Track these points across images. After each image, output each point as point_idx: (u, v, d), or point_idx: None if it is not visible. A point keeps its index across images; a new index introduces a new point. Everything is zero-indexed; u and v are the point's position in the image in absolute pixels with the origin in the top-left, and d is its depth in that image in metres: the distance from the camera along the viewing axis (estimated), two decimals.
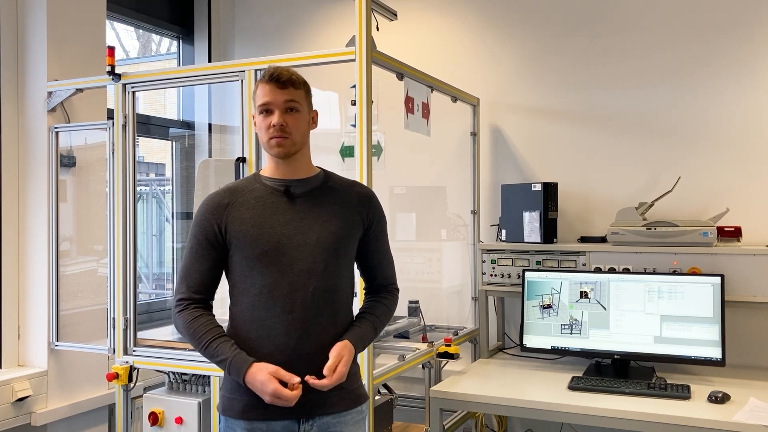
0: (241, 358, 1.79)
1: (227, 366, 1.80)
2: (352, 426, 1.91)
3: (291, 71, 1.88)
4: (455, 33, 3.76)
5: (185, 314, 1.85)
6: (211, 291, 1.91)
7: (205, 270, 1.88)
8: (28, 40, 3.17)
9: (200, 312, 1.86)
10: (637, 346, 2.91)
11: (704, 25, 3.26)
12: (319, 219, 1.89)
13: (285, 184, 1.91)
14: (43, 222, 3.16)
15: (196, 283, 1.87)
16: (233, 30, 4.34)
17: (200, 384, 2.86)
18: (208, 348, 1.82)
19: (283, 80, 1.85)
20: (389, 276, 2.06)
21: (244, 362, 1.79)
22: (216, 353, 1.81)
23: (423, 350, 2.93)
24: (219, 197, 1.91)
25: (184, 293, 1.87)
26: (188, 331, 1.84)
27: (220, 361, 1.81)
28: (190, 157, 4.18)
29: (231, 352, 1.80)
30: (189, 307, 1.86)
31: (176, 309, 1.88)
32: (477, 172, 3.56)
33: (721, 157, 3.23)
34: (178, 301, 1.88)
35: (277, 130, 1.84)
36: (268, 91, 1.85)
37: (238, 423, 1.84)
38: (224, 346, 1.81)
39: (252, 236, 1.84)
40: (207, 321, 1.85)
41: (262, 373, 1.76)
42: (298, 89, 1.87)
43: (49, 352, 3.14)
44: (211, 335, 1.82)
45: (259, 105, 1.86)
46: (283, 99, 1.84)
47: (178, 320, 1.87)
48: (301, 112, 1.88)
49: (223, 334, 1.85)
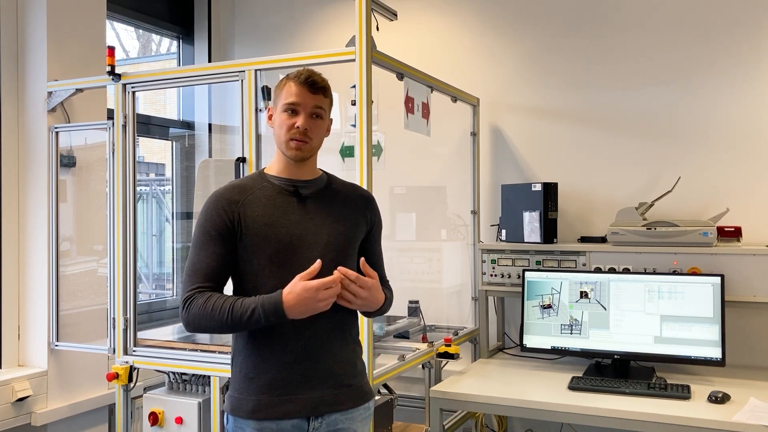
0: (268, 296, 1.74)
1: (261, 311, 1.73)
2: (359, 423, 1.93)
3: (324, 79, 1.90)
4: (455, 33, 3.76)
5: (196, 302, 1.77)
6: (221, 285, 1.85)
7: (215, 264, 1.82)
8: (28, 40, 3.17)
9: (210, 293, 1.79)
10: (637, 346, 2.91)
11: (704, 26, 3.26)
12: (328, 219, 1.91)
13: (293, 184, 1.92)
14: (43, 222, 3.16)
15: (205, 276, 1.80)
16: (233, 30, 4.34)
17: (200, 384, 2.86)
18: (233, 312, 1.74)
19: (317, 86, 1.87)
20: (384, 275, 2.11)
21: (275, 295, 1.74)
22: (244, 310, 1.73)
23: (423, 350, 2.93)
24: (230, 193, 1.88)
25: (193, 288, 1.80)
26: (206, 314, 1.75)
27: (250, 315, 1.73)
28: (190, 157, 4.18)
29: (257, 300, 1.75)
30: (197, 294, 1.78)
31: (185, 306, 1.79)
32: (477, 172, 3.56)
33: (721, 157, 3.23)
34: (185, 299, 1.79)
35: (300, 133, 1.85)
36: (299, 92, 1.85)
37: (248, 423, 1.83)
38: (247, 300, 1.75)
39: (264, 235, 1.83)
40: (219, 296, 1.78)
41: (295, 285, 1.73)
42: (327, 97, 1.91)
43: (49, 352, 3.14)
44: (230, 301, 1.76)
45: (286, 103, 1.86)
46: (313, 104, 1.86)
47: (190, 314, 1.78)
48: (324, 120, 1.91)
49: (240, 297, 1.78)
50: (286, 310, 1.73)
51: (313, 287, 1.72)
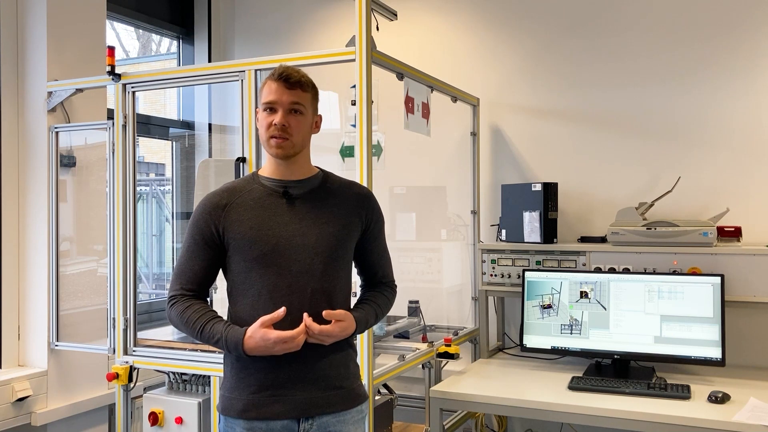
0: (233, 332, 1.78)
1: (224, 344, 1.79)
2: (351, 425, 1.91)
3: (301, 73, 1.87)
4: (455, 33, 3.76)
5: (177, 306, 1.85)
6: (204, 288, 1.91)
7: (199, 269, 1.88)
8: (28, 40, 3.17)
9: (191, 301, 1.86)
10: (637, 346, 2.91)
11: (704, 26, 3.26)
12: (318, 221, 1.89)
13: (283, 185, 1.90)
14: (43, 222, 3.16)
15: (189, 281, 1.88)
16: (233, 30, 4.34)
17: (200, 384, 2.86)
18: (203, 333, 1.81)
19: (291, 81, 1.84)
20: (388, 274, 2.07)
21: (238, 333, 1.78)
22: (211, 335, 1.80)
23: (423, 350, 2.93)
24: (217, 198, 1.90)
25: (177, 290, 1.88)
26: (182, 320, 1.84)
27: (216, 342, 1.80)
28: (190, 157, 4.18)
29: (223, 330, 1.79)
30: (180, 299, 1.87)
31: (168, 304, 1.88)
32: (477, 172, 3.56)
33: (721, 157, 3.23)
34: (170, 298, 1.88)
35: (278, 130, 1.83)
36: (275, 89, 1.84)
37: (238, 422, 1.83)
38: (217, 326, 1.81)
39: (250, 238, 1.84)
40: (198, 308, 1.85)
41: (256, 331, 1.76)
42: (306, 92, 1.87)
43: (49, 352, 3.14)
44: (203, 320, 1.82)
45: (264, 102, 1.86)
46: (289, 100, 1.84)
47: (171, 315, 1.87)
48: (305, 115, 1.87)
49: (216, 316, 1.84)
50: (246, 351, 1.77)
51: (271, 339, 1.74)
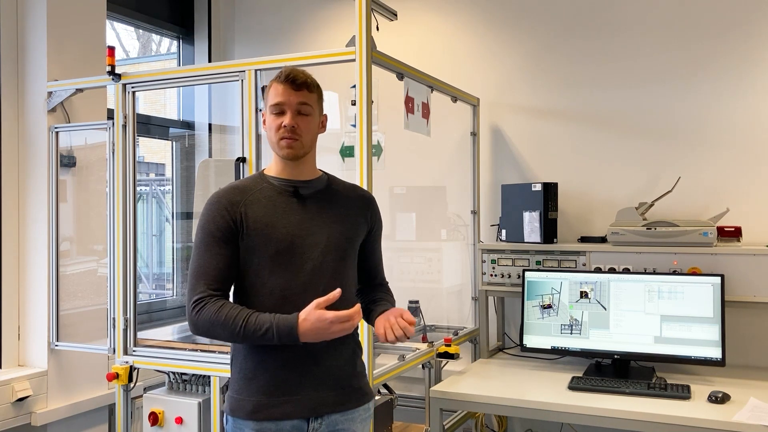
0: (284, 318, 1.73)
1: (274, 332, 1.73)
2: (359, 423, 1.93)
3: (307, 74, 1.88)
4: (455, 33, 3.76)
5: (208, 307, 1.76)
6: (229, 287, 1.85)
7: (224, 266, 1.82)
8: (28, 40, 3.17)
9: (223, 301, 1.78)
10: (637, 346, 2.91)
11: (704, 26, 3.26)
12: (328, 220, 1.91)
13: (293, 184, 1.91)
14: (43, 222, 3.16)
15: (214, 279, 1.80)
16: (233, 30, 4.34)
17: (200, 384, 2.86)
18: (246, 327, 1.73)
19: (298, 82, 1.85)
20: (384, 276, 2.13)
21: (290, 318, 1.73)
22: (258, 327, 1.73)
23: (423, 350, 2.93)
24: (230, 194, 1.87)
25: (203, 292, 1.78)
26: (218, 321, 1.74)
27: (264, 333, 1.73)
28: (190, 157, 4.18)
29: (272, 318, 1.74)
30: (209, 300, 1.77)
31: (195, 308, 1.77)
32: (477, 172, 3.56)
33: (721, 157, 3.23)
34: (196, 302, 1.78)
35: (288, 131, 1.84)
36: (282, 91, 1.84)
37: (247, 423, 1.83)
38: (262, 317, 1.75)
39: (266, 235, 1.83)
40: (233, 306, 1.77)
41: (310, 313, 1.72)
42: (312, 92, 1.88)
43: (49, 352, 3.14)
44: (244, 313, 1.75)
45: (271, 105, 1.86)
46: (297, 101, 1.84)
47: (200, 319, 1.77)
48: (313, 116, 1.88)
49: (255, 311, 1.77)
50: (300, 336, 1.73)
51: (328, 319, 1.70)
